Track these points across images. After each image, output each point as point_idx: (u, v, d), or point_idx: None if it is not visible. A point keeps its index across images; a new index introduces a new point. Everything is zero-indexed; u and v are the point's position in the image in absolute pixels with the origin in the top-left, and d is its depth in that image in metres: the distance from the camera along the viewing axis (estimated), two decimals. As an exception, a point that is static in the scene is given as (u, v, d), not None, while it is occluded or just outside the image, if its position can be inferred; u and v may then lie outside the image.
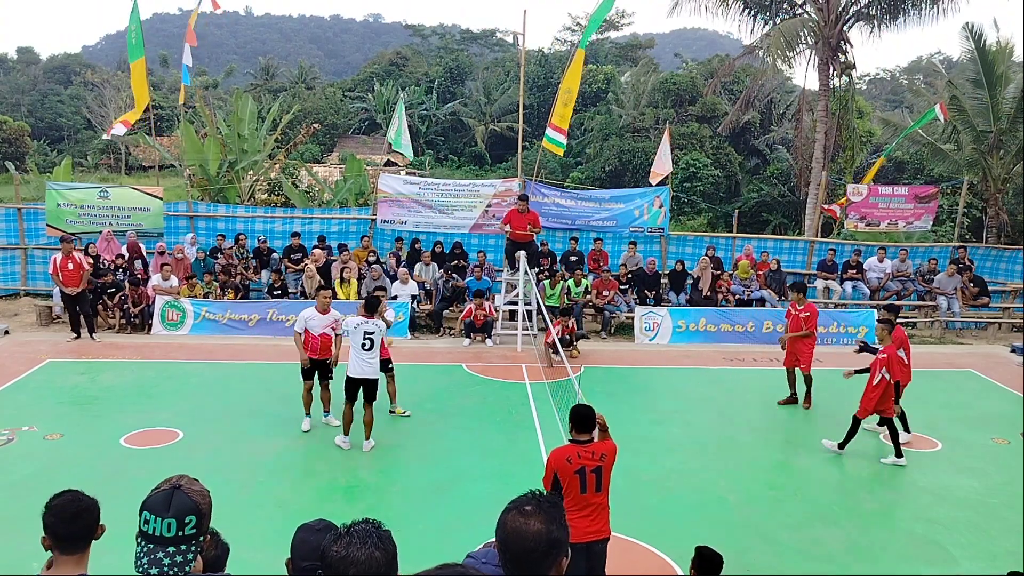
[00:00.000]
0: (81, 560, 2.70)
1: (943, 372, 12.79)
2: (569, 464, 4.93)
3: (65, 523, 2.65)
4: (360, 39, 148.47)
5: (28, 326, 14.11)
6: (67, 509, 2.67)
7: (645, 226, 16.38)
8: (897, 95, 60.34)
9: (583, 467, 4.93)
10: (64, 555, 2.68)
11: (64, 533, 2.66)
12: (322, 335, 9.01)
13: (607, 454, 5.05)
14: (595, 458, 4.98)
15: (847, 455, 8.96)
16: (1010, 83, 19.33)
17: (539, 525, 2.26)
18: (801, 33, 19.95)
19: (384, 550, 2.11)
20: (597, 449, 5.03)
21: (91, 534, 2.72)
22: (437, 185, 16.56)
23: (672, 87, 40.89)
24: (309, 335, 9.02)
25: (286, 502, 7.33)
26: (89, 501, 2.73)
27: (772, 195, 32.96)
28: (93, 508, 2.73)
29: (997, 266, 17.51)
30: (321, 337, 9.01)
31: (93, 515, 2.72)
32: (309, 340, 9.03)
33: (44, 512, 2.69)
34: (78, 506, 2.68)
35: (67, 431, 8.97)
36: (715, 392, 11.35)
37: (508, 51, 65.50)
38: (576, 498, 4.92)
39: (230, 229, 16.27)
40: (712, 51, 71.72)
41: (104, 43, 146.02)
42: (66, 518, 2.65)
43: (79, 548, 2.69)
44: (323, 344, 9.04)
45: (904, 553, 6.79)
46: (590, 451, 5.00)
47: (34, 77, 65.16)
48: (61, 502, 2.69)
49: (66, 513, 2.66)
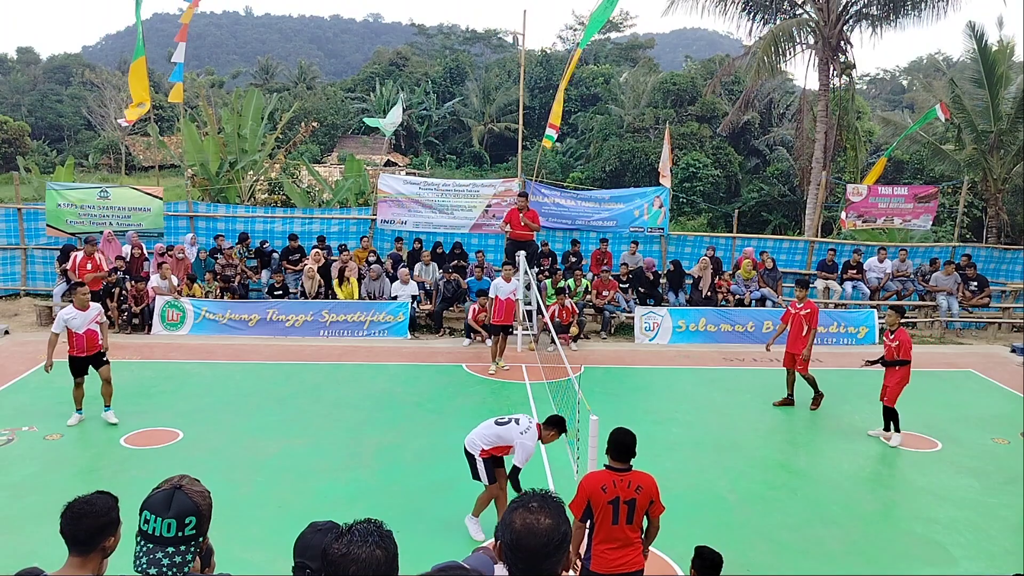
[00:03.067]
0: (86, 564, 2.66)
1: (943, 372, 12.78)
2: (604, 493, 4.61)
3: (69, 521, 2.66)
4: (360, 39, 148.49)
5: (28, 326, 14.11)
6: (75, 508, 2.67)
7: (645, 226, 16.38)
8: (897, 95, 60.34)
9: (617, 497, 4.61)
10: (72, 555, 2.68)
11: (67, 531, 2.66)
12: (87, 331, 8.90)
13: (644, 487, 4.68)
14: (630, 489, 4.64)
15: (847, 455, 8.96)
16: (1011, 83, 19.35)
17: (549, 520, 2.27)
18: (800, 33, 19.96)
19: (385, 549, 2.12)
20: (634, 480, 4.68)
21: (95, 540, 2.66)
22: (437, 185, 16.56)
23: (672, 87, 40.90)
24: (73, 334, 8.87)
25: (286, 502, 7.32)
26: (100, 506, 2.68)
27: (772, 195, 32.97)
28: (100, 513, 2.67)
29: (998, 266, 17.51)
30: (87, 334, 8.90)
31: (99, 520, 2.66)
32: (74, 339, 8.87)
33: None
34: (85, 508, 2.67)
35: (67, 431, 8.97)
36: (715, 392, 11.35)
37: (509, 51, 65.50)
38: (608, 529, 4.64)
39: (230, 229, 16.28)
40: (712, 51, 71.74)
41: (104, 43, 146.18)
42: (72, 516, 2.66)
43: (83, 550, 2.66)
44: (89, 341, 8.92)
45: (904, 553, 6.79)
46: (626, 481, 4.65)
47: (34, 77, 65.16)
48: (76, 500, 2.70)
49: (73, 511, 2.67)
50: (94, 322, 8.99)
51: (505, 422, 6.59)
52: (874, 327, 14.80)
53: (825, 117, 20.05)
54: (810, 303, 10.64)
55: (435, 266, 15.35)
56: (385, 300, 14.34)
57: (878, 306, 15.59)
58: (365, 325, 13.97)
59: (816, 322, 10.48)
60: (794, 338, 10.54)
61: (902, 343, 9.32)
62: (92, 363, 9.09)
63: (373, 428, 9.40)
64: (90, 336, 8.94)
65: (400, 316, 14.04)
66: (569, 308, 13.66)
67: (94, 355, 9.06)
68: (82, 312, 8.90)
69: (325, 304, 14.04)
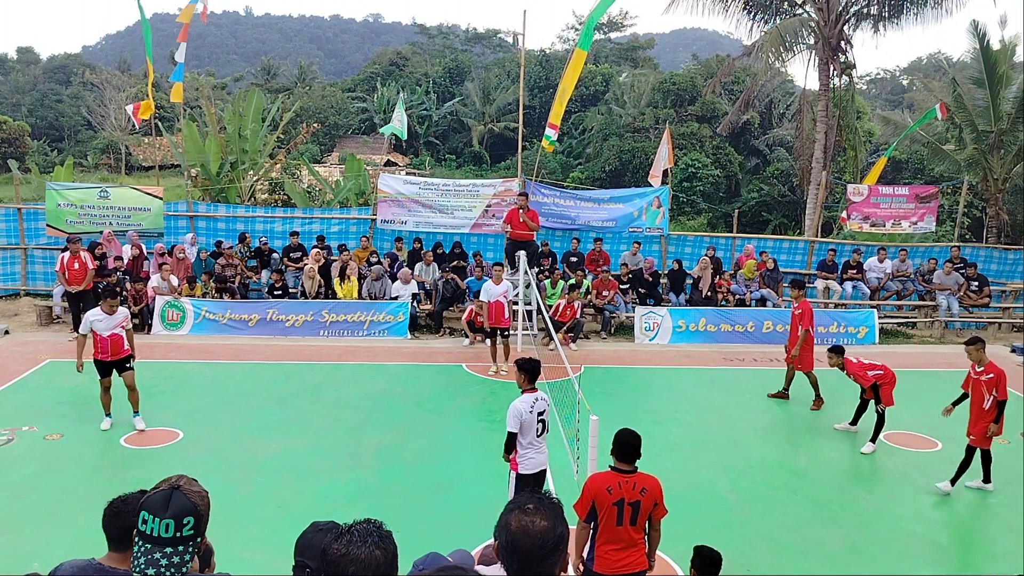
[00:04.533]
0: (124, 559, 2.74)
1: (943, 372, 12.76)
2: (609, 494, 4.61)
3: (107, 518, 2.81)
4: (360, 39, 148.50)
5: (28, 326, 14.11)
6: (114, 505, 2.82)
7: (644, 226, 16.37)
8: (897, 95, 60.33)
9: (622, 499, 4.61)
10: (111, 550, 2.81)
11: (106, 527, 2.81)
12: (112, 335, 8.87)
13: (648, 489, 4.68)
14: (635, 491, 4.65)
15: (847, 455, 8.96)
16: (1011, 83, 19.33)
17: (545, 522, 2.27)
18: (800, 33, 19.95)
19: (384, 550, 2.12)
20: (639, 482, 4.69)
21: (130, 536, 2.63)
22: (437, 185, 16.55)
23: (672, 87, 40.89)
24: (98, 336, 8.85)
25: (286, 502, 7.32)
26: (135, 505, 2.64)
27: (772, 195, 32.95)
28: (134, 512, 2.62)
29: (999, 267, 17.50)
30: (111, 338, 8.87)
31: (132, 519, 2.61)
32: (98, 342, 8.86)
33: None
34: (121, 507, 2.80)
35: (67, 431, 8.97)
36: (715, 392, 11.34)
37: (509, 51, 65.51)
38: (612, 531, 4.64)
39: (230, 229, 16.28)
40: (712, 51, 71.68)
41: (104, 43, 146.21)
42: (109, 513, 2.81)
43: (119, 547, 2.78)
44: (113, 345, 8.89)
45: (904, 553, 6.79)
46: (631, 482, 4.66)
47: (34, 77, 65.17)
48: (116, 499, 2.84)
49: (112, 509, 2.82)
50: (119, 327, 8.95)
51: None
52: (874, 327, 14.80)
53: (825, 117, 20.04)
54: (804, 303, 10.73)
55: (435, 266, 15.35)
56: (385, 300, 14.34)
57: (878, 306, 15.59)
58: (365, 325, 13.97)
59: (808, 322, 10.57)
60: (793, 337, 10.75)
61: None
62: (116, 367, 9.04)
63: (373, 428, 9.40)
64: (114, 340, 8.90)
65: (400, 316, 14.04)
66: (574, 308, 13.66)
67: (118, 360, 9.01)
68: (108, 315, 8.87)
69: (325, 304, 14.04)
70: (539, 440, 6.15)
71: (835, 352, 9.47)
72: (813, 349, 10.78)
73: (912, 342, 15.24)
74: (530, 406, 6.07)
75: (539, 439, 6.15)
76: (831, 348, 9.53)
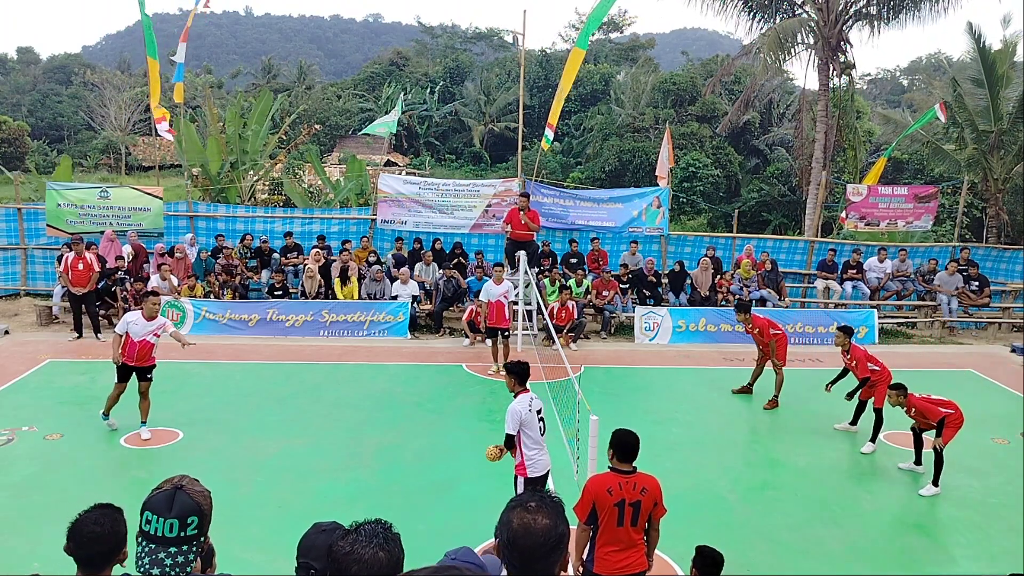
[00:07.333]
0: None
1: (943, 372, 12.78)
2: (609, 496, 4.60)
3: (78, 546, 2.53)
4: (360, 39, 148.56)
5: (28, 326, 14.10)
6: (84, 533, 2.53)
7: (643, 226, 16.37)
8: (897, 95, 60.34)
9: (623, 500, 4.60)
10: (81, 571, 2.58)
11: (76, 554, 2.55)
12: (142, 341, 8.76)
13: (648, 489, 4.68)
14: (635, 491, 4.64)
15: (847, 455, 8.95)
16: (1011, 83, 19.33)
17: (546, 520, 2.27)
18: (800, 33, 19.95)
19: (388, 552, 2.12)
20: (639, 482, 4.67)
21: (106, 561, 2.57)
22: (437, 185, 16.55)
23: (672, 87, 40.91)
24: (129, 340, 8.76)
25: (286, 502, 7.32)
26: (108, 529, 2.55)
27: (772, 195, 32.96)
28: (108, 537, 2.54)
29: (997, 266, 17.51)
30: (141, 344, 8.75)
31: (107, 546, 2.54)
32: (128, 345, 8.76)
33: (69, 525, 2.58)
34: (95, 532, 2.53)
35: (67, 431, 8.97)
36: (715, 392, 11.35)
37: (509, 51, 65.50)
38: (612, 532, 4.64)
39: (230, 229, 16.28)
40: (712, 51, 71.72)
41: (104, 43, 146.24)
42: (80, 543, 2.53)
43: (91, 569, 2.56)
44: (141, 351, 8.78)
45: (904, 553, 6.79)
46: (632, 483, 4.65)
47: (34, 77, 65.19)
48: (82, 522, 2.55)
49: (81, 537, 2.53)
50: (153, 334, 8.84)
51: None
52: (874, 327, 14.80)
53: (825, 117, 20.04)
54: (755, 320, 10.91)
55: (435, 266, 15.35)
56: (385, 300, 14.35)
57: (878, 306, 15.59)
58: (365, 325, 13.97)
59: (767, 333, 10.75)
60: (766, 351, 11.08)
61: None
62: (137, 374, 8.93)
63: (373, 428, 9.40)
64: (143, 347, 8.78)
65: (400, 316, 14.04)
66: (569, 309, 13.64)
67: (141, 367, 8.89)
68: (146, 320, 8.77)
69: (325, 304, 14.04)
70: (542, 439, 6.17)
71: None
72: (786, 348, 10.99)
73: (912, 342, 15.24)
74: (528, 405, 6.07)
75: (541, 438, 6.17)
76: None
